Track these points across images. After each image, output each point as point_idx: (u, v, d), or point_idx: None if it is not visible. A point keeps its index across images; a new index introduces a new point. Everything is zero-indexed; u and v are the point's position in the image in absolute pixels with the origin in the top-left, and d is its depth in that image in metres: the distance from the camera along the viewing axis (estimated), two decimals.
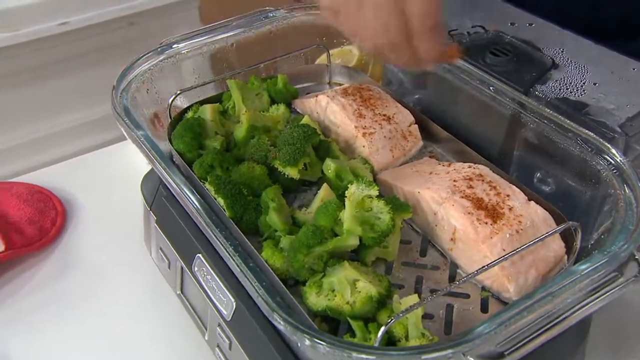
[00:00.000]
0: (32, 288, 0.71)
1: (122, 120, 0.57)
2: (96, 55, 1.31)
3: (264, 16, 0.73)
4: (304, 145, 0.58)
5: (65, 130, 1.31)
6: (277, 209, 0.53)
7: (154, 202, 0.67)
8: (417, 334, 0.41)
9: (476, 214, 0.50)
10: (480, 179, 0.55)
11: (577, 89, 0.55)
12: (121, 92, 0.60)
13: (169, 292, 0.68)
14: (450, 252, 0.52)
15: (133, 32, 1.32)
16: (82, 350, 0.65)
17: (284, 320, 0.38)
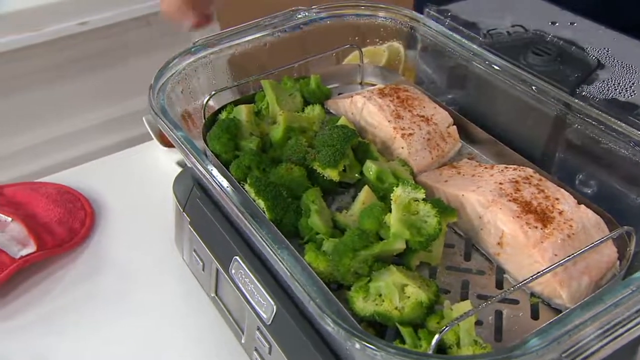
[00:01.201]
0: (64, 289, 0.71)
1: (161, 121, 0.56)
2: (114, 55, 1.32)
3: (295, 16, 0.72)
4: (343, 146, 0.57)
5: (83, 129, 1.32)
6: (318, 211, 0.52)
7: (188, 204, 0.66)
8: (470, 342, 0.40)
9: (525, 218, 0.49)
10: (527, 182, 0.54)
11: (625, 89, 0.54)
12: (158, 92, 0.60)
13: (201, 295, 0.68)
14: (497, 257, 0.51)
15: (150, 32, 1.33)
16: (115, 352, 0.64)
17: (338, 326, 0.37)
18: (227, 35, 0.68)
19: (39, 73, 1.21)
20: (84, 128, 1.33)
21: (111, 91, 1.36)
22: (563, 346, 0.35)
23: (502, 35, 0.62)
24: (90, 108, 1.36)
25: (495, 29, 0.62)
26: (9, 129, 1.21)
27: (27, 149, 1.23)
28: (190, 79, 0.66)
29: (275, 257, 0.43)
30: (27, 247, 0.72)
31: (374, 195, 0.55)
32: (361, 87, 0.80)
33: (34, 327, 0.67)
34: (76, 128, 1.32)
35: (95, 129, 1.35)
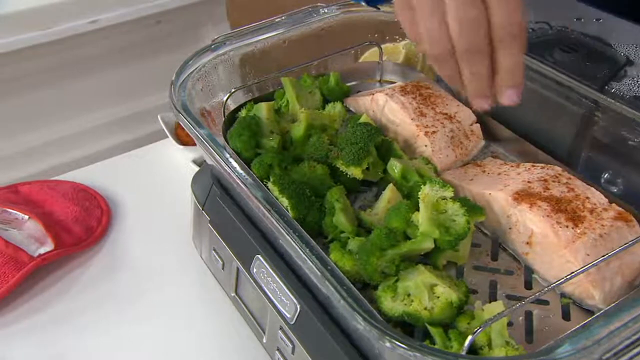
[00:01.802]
0: (82, 288, 0.71)
1: (183, 118, 0.56)
2: (124, 54, 1.32)
3: (315, 12, 0.72)
4: (367, 144, 0.56)
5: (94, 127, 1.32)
6: (343, 209, 0.51)
7: (207, 202, 0.66)
8: (502, 343, 0.40)
9: (555, 217, 0.48)
10: (556, 180, 0.53)
11: None
12: (179, 89, 0.59)
13: (220, 294, 0.67)
14: (526, 257, 0.50)
15: (160, 30, 1.32)
16: (133, 351, 0.64)
17: (372, 326, 0.37)
18: (246, 32, 0.68)
19: (49, 71, 1.21)
20: (94, 126, 1.33)
21: (121, 90, 1.36)
22: (594, 354, 0.34)
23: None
24: (100, 106, 1.35)
25: None
26: (21, 127, 1.21)
27: (39, 147, 1.23)
28: (209, 76, 0.66)
29: (303, 256, 0.42)
30: (44, 245, 0.72)
31: (399, 193, 0.54)
32: (380, 85, 0.79)
33: (52, 326, 0.66)
34: (86, 126, 1.32)
35: (106, 127, 1.35)
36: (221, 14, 1.42)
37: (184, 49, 1.47)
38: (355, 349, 0.48)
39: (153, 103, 1.37)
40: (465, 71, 0.44)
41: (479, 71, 0.44)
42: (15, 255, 0.68)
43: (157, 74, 1.39)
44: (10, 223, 0.74)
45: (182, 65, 0.62)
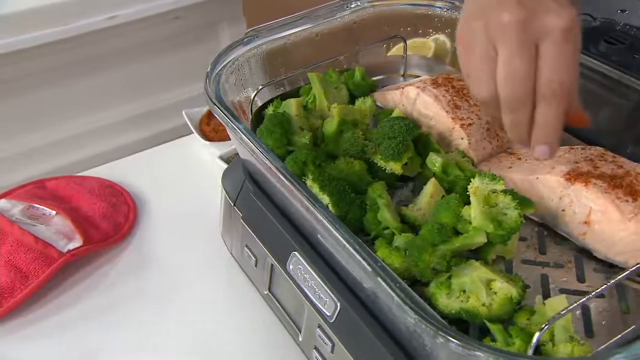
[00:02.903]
0: (111, 284, 0.70)
1: (219, 111, 0.55)
2: (142, 50, 1.32)
3: (346, 5, 0.71)
4: (406, 138, 0.55)
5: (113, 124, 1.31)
6: (387, 205, 0.50)
7: (239, 198, 0.65)
8: (566, 338, 0.39)
9: (614, 193, 0.47)
10: (603, 159, 0.52)
11: None
12: (213, 81, 0.58)
13: (252, 291, 0.67)
14: (584, 237, 0.49)
15: (178, 26, 1.32)
16: (163, 349, 0.63)
17: (431, 324, 0.35)
18: (277, 26, 0.67)
19: (68, 68, 1.20)
20: (112, 123, 1.33)
21: (140, 86, 1.36)
22: None
23: None
24: (119, 103, 1.35)
25: None
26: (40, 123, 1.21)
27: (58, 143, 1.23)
28: (241, 70, 0.65)
29: (353, 253, 0.41)
30: (73, 241, 0.71)
31: (441, 187, 0.53)
32: (404, 79, 0.78)
33: (82, 323, 0.66)
34: (105, 123, 1.32)
35: (124, 124, 1.34)
36: (237, 11, 1.41)
37: (201, 46, 1.48)
38: (399, 346, 0.47)
39: (172, 99, 1.37)
40: (505, 117, 0.45)
41: (518, 120, 0.44)
42: (45, 251, 0.68)
43: (175, 70, 1.40)
44: (38, 219, 0.73)
45: (217, 57, 0.61)
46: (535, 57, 0.42)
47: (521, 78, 0.42)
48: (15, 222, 0.70)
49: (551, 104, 0.43)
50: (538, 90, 0.43)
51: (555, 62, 0.42)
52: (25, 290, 0.65)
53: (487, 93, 0.44)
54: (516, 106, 0.44)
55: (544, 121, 0.44)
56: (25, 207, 0.74)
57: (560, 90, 0.42)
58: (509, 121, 0.45)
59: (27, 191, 0.78)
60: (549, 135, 0.44)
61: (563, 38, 0.41)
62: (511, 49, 0.42)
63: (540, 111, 0.43)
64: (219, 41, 1.44)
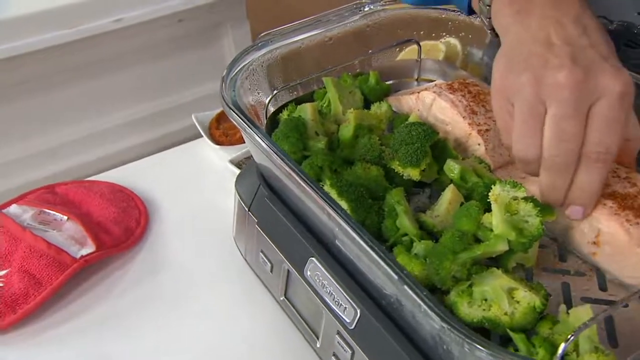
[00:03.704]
0: (124, 290, 0.70)
1: (236, 116, 0.55)
2: (147, 52, 1.32)
3: (360, 9, 0.70)
4: (424, 144, 0.55)
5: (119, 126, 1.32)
6: (406, 212, 0.50)
7: (253, 203, 0.64)
8: (591, 348, 0.38)
9: (624, 215, 0.47)
10: (616, 175, 0.51)
11: None
12: (229, 86, 0.58)
13: (267, 296, 0.66)
14: (593, 257, 0.49)
15: (181, 29, 1.32)
16: (178, 355, 0.63)
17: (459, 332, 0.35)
18: (291, 31, 0.66)
19: (75, 70, 1.21)
20: (118, 125, 1.34)
21: (145, 88, 1.36)
22: None
23: None
24: (124, 105, 1.36)
25: None
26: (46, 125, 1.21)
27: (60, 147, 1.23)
28: (255, 74, 0.65)
29: (377, 259, 0.41)
30: (85, 246, 0.71)
31: (460, 194, 0.53)
32: (418, 83, 0.78)
33: (97, 329, 0.65)
34: (110, 125, 1.33)
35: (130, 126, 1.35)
36: (241, 13, 1.42)
37: (205, 48, 1.48)
38: (422, 354, 0.46)
39: (178, 101, 1.37)
40: (543, 177, 0.44)
41: (559, 184, 0.44)
42: (58, 257, 0.67)
43: (180, 73, 1.40)
44: (50, 224, 0.73)
45: (232, 62, 0.61)
46: (586, 119, 0.41)
47: (571, 142, 0.41)
48: (27, 228, 0.70)
49: (595, 168, 0.42)
50: (584, 152, 0.42)
51: (606, 127, 0.41)
52: (39, 297, 0.65)
53: (533, 152, 0.43)
54: (560, 170, 0.43)
55: (584, 185, 0.43)
56: (37, 212, 0.74)
57: (606, 156, 0.41)
58: (548, 183, 0.44)
59: (38, 196, 0.78)
60: (587, 199, 0.44)
61: (618, 104, 0.40)
62: (565, 110, 0.40)
63: (582, 173, 0.43)
64: (222, 43, 1.44)
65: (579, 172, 0.43)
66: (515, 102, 0.44)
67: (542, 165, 0.43)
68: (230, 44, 1.41)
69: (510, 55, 0.45)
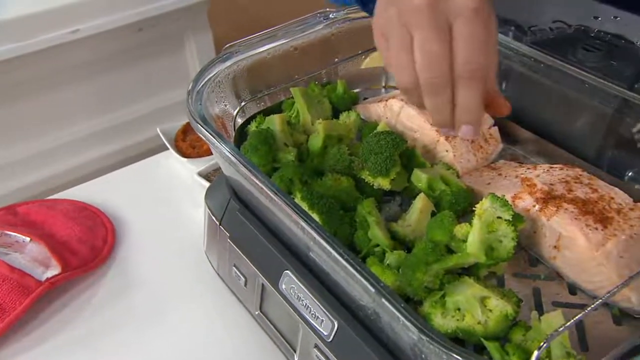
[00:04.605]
0: (94, 310, 0.68)
1: (205, 131, 0.54)
2: (106, 63, 1.30)
3: (324, 17, 0.70)
4: (393, 153, 0.55)
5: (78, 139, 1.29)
6: (378, 222, 0.50)
7: (225, 217, 0.64)
8: (563, 354, 0.39)
9: (584, 220, 0.48)
10: (578, 182, 0.53)
11: None
12: (195, 101, 0.57)
13: (242, 311, 0.66)
14: (553, 261, 0.50)
15: (142, 38, 1.31)
16: None
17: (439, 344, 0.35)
18: (256, 41, 0.66)
19: (30, 83, 1.18)
20: (77, 139, 1.32)
21: (108, 98, 1.33)
22: None
23: (544, 32, 0.61)
24: (88, 116, 1.33)
25: (536, 25, 0.61)
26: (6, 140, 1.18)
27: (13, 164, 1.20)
28: (221, 86, 0.64)
29: (353, 272, 0.41)
30: (50, 268, 0.69)
31: (430, 202, 0.53)
32: (385, 91, 0.78)
33: (66, 354, 0.63)
34: (69, 139, 1.30)
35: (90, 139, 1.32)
36: (203, 21, 1.40)
37: (167, 56, 1.46)
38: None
39: (141, 111, 1.35)
40: (427, 102, 0.46)
41: (440, 103, 0.45)
42: (21, 281, 0.65)
43: (143, 82, 1.38)
44: (12, 246, 0.70)
45: (198, 74, 0.60)
46: (450, 39, 0.42)
47: (438, 61, 0.42)
48: None
49: (469, 85, 0.43)
50: (455, 72, 0.43)
51: (469, 42, 0.42)
52: (3, 324, 0.63)
53: (408, 80, 0.44)
54: (436, 90, 0.44)
55: (464, 102, 0.44)
56: None
57: (477, 71, 0.43)
58: (432, 105, 0.45)
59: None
60: (471, 115, 0.45)
61: (474, 17, 0.42)
62: (425, 32, 0.42)
63: (459, 93, 0.44)
64: (185, 52, 1.43)
65: (457, 93, 0.44)
66: (389, 37, 0.45)
67: (422, 91, 0.45)
68: (193, 51, 1.40)
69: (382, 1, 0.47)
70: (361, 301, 0.48)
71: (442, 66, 0.43)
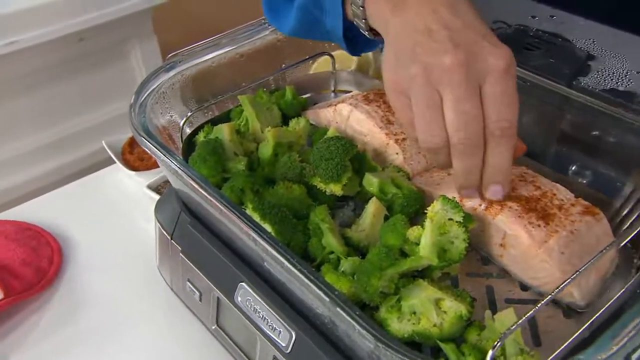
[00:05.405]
0: (42, 335, 0.65)
1: (150, 145, 0.52)
2: (48, 74, 1.26)
3: (268, 24, 0.69)
4: (344, 159, 0.55)
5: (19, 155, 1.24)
6: (331, 229, 0.50)
7: (176, 231, 0.62)
8: (516, 351, 0.40)
9: (527, 217, 0.48)
10: (523, 180, 0.54)
11: (621, 78, 0.55)
12: (138, 114, 0.56)
13: (197, 326, 0.64)
14: (500, 259, 0.51)
15: (83, 48, 1.27)
16: None
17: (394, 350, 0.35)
18: (200, 50, 0.65)
19: None
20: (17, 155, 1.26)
21: (50, 111, 1.29)
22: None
23: None
24: (29, 131, 1.28)
25: None
26: None
27: None
28: (165, 97, 0.62)
29: (307, 282, 0.41)
30: None
31: (382, 206, 0.53)
32: (335, 95, 0.78)
33: None
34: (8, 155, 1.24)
35: (37, 153, 1.27)
36: (147, 28, 1.37)
37: (112, 66, 1.42)
38: None
39: (84, 125, 1.31)
40: (457, 164, 0.44)
41: (473, 165, 0.44)
42: None
43: (87, 93, 1.33)
44: None
45: (139, 87, 0.58)
46: (480, 98, 0.42)
47: (474, 121, 0.41)
48: None
49: (502, 143, 0.42)
50: (488, 131, 0.42)
51: (500, 101, 0.42)
52: None
53: (438, 140, 0.43)
54: (471, 151, 0.43)
55: (496, 161, 0.43)
56: None
57: (509, 129, 0.42)
58: (463, 167, 0.44)
59: None
60: (502, 175, 0.44)
61: (505, 76, 0.41)
62: (458, 92, 0.41)
63: (491, 152, 0.43)
64: (130, 60, 1.39)
65: (488, 151, 0.43)
66: (411, 95, 0.44)
67: (453, 152, 0.44)
68: (138, 60, 1.37)
69: (396, 49, 0.45)
70: (318, 310, 0.47)
71: (477, 126, 0.42)
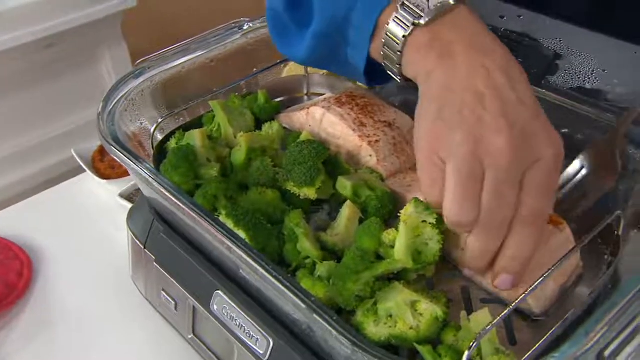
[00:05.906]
0: (12, 351, 0.64)
1: (119, 154, 0.51)
2: (15, 81, 1.23)
3: (239, 27, 0.69)
4: (316, 162, 0.55)
5: None
6: (306, 234, 0.50)
7: (149, 240, 0.61)
8: (493, 351, 0.40)
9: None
10: None
11: (587, 76, 0.56)
12: (107, 122, 0.54)
13: (174, 335, 0.63)
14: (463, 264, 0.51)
15: (51, 54, 1.24)
16: None
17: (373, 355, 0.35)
18: (169, 55, 0.64)
19: None
20: None
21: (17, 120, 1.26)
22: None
23: None
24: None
25: None
26: None
27: None
28: (135, 104, 0.61)
29: (283, 289, 0.40)
30: None
31: (357, 209, 0.53)
32: (308, 98, 0.78)
33: None
34: None
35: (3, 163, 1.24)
36: (116, 34, 1.35)
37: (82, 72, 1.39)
38: None
39: (52, 133, 1.28)
40: (474, 242, 0.42)
41: (490, 248, 0.42)
42: None
43: (55, 100, 1.31)
44: None
45: (107, 94, 0.57)
46: (520, 184, 0.40)
47: (508, 207, 0.39)
48: None
49: (529, 231, 0.40)
50: (518, 216, 0.40)
51: (541, 192, 0.40)
52: None
53: (473, 219, 0.40)
54: (494, 234, 0.41)
55: (516, 249, 0.41)
56: None
57: (541, 219, 0.40)
58: (480, 246, 0.41)
59: None
60: (518, 265, 0.41)
61: (554, 167, 0.40)
62: (506, 176, 0.39)
63: (514, 237, 0.41)
64: (100, 66, 1.37)
65: (511, 236, 0.41)
66: (450, 161, 0.41)
67: (476, 229, 0.41)
68: (108, 66, 1.35)
69: (441, 104, 0.42)
70: (295, 316, 0.47)
71: (509, 213, 0.40)
